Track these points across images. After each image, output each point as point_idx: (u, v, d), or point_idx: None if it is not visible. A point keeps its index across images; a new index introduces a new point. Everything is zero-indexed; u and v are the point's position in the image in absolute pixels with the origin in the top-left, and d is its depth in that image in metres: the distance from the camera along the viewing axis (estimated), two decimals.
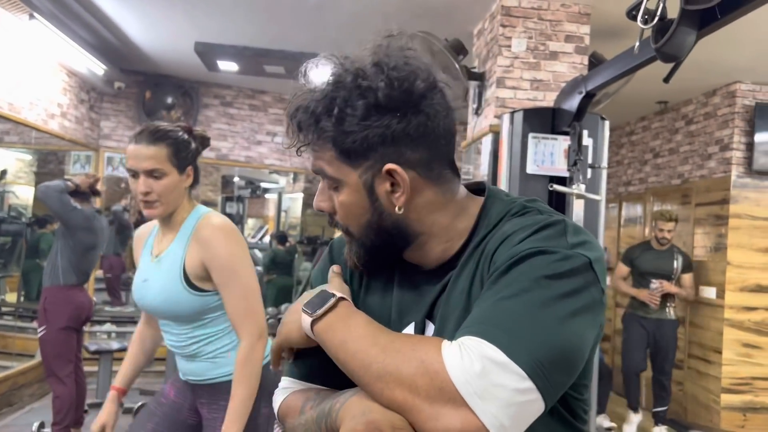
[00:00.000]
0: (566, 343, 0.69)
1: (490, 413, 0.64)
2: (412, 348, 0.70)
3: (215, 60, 4.84)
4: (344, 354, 0.74)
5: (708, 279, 4.76)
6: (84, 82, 5.23)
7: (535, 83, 3.44)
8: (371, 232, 0.83)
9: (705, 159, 4.95)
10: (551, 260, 0.72)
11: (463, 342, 0.68)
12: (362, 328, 0.75)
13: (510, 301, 0.70)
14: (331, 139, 0.78)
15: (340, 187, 0.81)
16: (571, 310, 0.70)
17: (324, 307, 0.78)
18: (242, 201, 9.13)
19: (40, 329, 3.46)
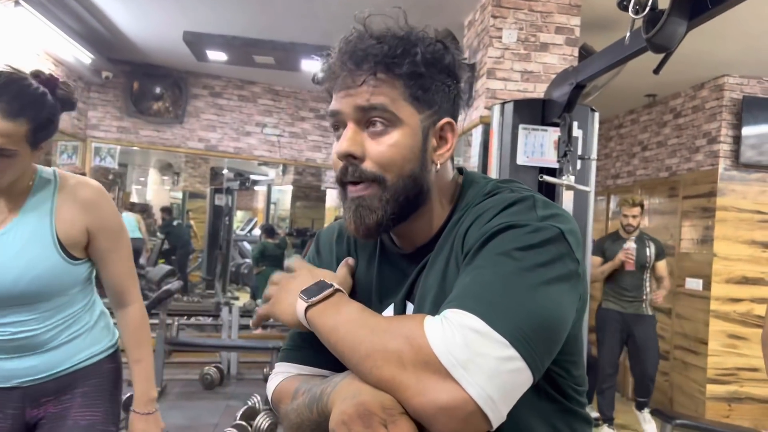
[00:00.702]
0: (545, 310, 0.69)
1: (476, 384, 0.63)
2: (398, 325, 0.70)
3: (204, 50, 4.80)
4: (335, 337, 0.75)
5: (694, 271, 4.81)
6: (71, 71, 5.16)
7: (525, 74, 3.44)
8: (409, 182, 0.82)
9: (693, 152, 4.98)
10: (522, 233, 0.73)
11: (444, 315, 0.68)
12: (353, 313, 0.76)
13: (485, 275, 0.70)
14: (407, 77, 0.80)
15: (397, 126, 0.81)
16: (547, 278, 0.71)
17: (320, 295, 0.79)
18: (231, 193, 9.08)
19: None
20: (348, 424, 0.67)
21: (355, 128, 0.82)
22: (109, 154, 5.59)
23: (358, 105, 0.80)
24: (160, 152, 7.34)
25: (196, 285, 8.23)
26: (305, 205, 9.10)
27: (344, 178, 0.83)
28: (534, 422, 0.81)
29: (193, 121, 5.87)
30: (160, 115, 5.76)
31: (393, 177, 0.81)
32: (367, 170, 0.81)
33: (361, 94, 0.80)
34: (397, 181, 0.81)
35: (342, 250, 0.98)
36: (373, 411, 0.66)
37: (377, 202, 0.82)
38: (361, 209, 0.83)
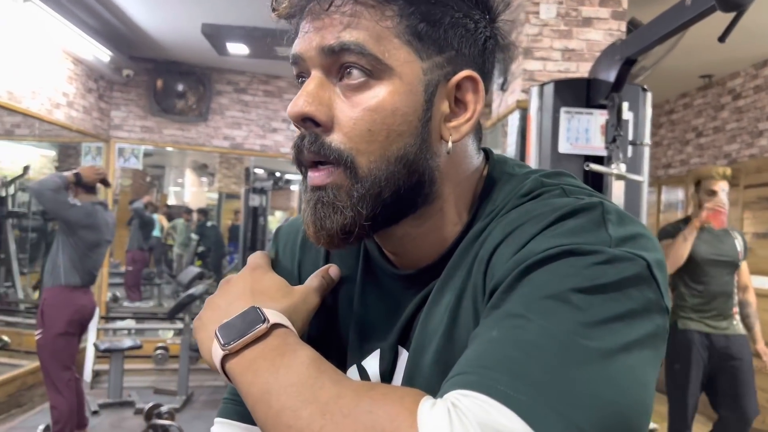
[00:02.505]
0: (622, 397, 0.41)
1: None
2: (370, 408, 0.42)
3: (224, 42, 4.60)
4: (264, 410, 0.46)
5: (760, 267, 4.37)
6: (91, 70, 5.03)
7: (566, 53, 3.10)
8: (398, 170, 0.53)
9: (755, 137, 4.53)
10: (587, 264, 0.46)
11: (454, 401, 0.40)
12: (297, 373, 0.47)
13: (525, 333, 0.43)
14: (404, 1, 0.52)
15: (383, 79, 0.52)
16: (626, 341, 0.43)
17: (246, 337, 0.50)
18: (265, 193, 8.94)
19: (37, 332, 3.25)
20: None
21: (320, 79, 0.54)
22: (133, 154, 5.45)
23: (321, 45, 0.53)
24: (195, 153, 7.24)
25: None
26: None
27: (300, 156, 0.55)
28: None
29: (218, 118, 5.69)
30: (184, 114, 5.60)
31: (369, 159, 0.53)
32: (331, 145, 0.53)
33: (331, 27, 0.52)
34: (378, 167, 0.53)
35: (309, 257, 0.68)
36: None
37: (344, 196, 0.53)
38: (321, 206, 0.54)
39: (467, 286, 0.53)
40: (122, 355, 4.46)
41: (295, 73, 0.58)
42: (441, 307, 0.55)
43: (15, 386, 4.20)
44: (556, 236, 0.48)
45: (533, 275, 0.46)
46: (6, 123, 5.18)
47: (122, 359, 4.47)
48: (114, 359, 4.42)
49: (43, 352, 3.22)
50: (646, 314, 0.45)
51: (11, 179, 6.22)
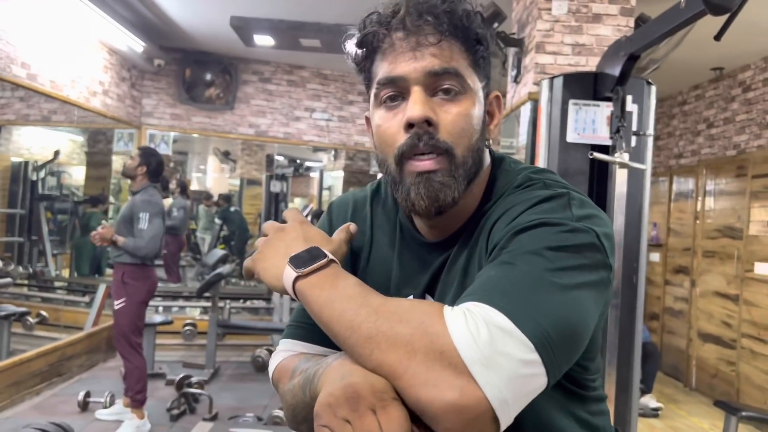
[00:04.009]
0: (572, 317, 0.64)
1: (493, 384, 0.57)
2: (410, 309, 0.63)
3: (251, 34, 4.82)
4: (329, 313, 0.67)
5: (765, 255, 4.51)
6: (125, 60, 5.29)
7: (576, 48, 3.27)
8: (475, 156, 0.78)
9: (764, 128, 4.66)
10: (555, 231, 0.68)
11: (466, 306, 0.62)
12: (351, 289, 0.68)
13: (513, 271, 0.65)
14: (473, 42, 0.77)
15: (467, 94, 0.76)
16: (577, 282, 0.66)
17: (312, 266, 0.71)
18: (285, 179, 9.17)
19: (118, 302, 3.58)
20: (333, 407, 0.60)
21: (424, 94, 0.75)
22: (163, 140, 5.71)
23: (429, 69, 0.74)
24: (218, 140, 7.48)
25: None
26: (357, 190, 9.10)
27: (415, 150, 0.75)
28: (553, 414, 0.78)
29: (244, 107, 5.92)
30: (211, 102, 5.84)
31: (462, 149, 0.76)
32: (441, 140, 0.74)
33: (431, 57, 0.74)
34: (466, 154, 0.76)
35: (358, 225, 0.88)
36: (361, 394, 0.60)
37: (449, 176, 0.75)
38: (436, 184, 0.75)
39: (475, 251, 0.76)
40: (154, 329, 4.75)
41: (387, 95, 0.77)
42: (458, 266, 0.78)
43: (56, 357, 4.50)
44: (536, 213, 0.70)
45: (518, 237, 0.69)
46: (44, 110, 5.46)
47: (154, 334, 4.75)
48: (147, 334, 4.70)
49: (125, 319, 3.59)
50: (594, 268, 0.68)
51: (42, 164, 6.52)
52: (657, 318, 5.99)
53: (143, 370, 3.66)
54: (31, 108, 5.33)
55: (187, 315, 6.01)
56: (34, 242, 6.16)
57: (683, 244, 5.69)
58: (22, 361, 4.11)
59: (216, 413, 3.91)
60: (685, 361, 5.52)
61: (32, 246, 6.05)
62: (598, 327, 0.74)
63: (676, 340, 5.73)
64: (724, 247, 4.99)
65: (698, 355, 5.34)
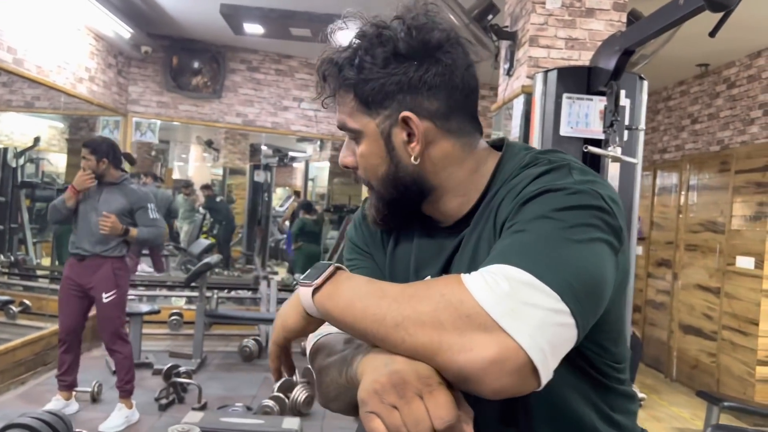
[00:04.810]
0: (591, 266, 0.65)
1: (526, 334, 0.58)
2: (428, 287, 0.65)
3: (241, 22, 4.78)
4: (353, 314, 0.68)
5: (746, 249, 4.61)
6: (111, 46, 5.21)
7: (570, 42, 3.30)
8: (389, 183, 0.83)
9: (747, 124, 4.75)
10: (559, 195, 0.70)
11: (485, 269, 0.64)
12: (366, 286, 0.70)
13: (525, 236, 0.67)
14: (352, 86, 0.80)
15: (360, 138, 0.82)
16: (589, 237, 0.67)
17: (323, 276, 0.73)
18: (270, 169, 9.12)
19: (108, 295, 3.54)
20: (381, 394, 0.61)
21: (348, 140, 0.86)
22: (149, 128, 5.65)
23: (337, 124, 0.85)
24: (201, 128, 7.41)
25: (236, 260, 8.33)
26: (342, 182, 9.09)
27: None
28: (573, 400, 0.78)
29: (231, 95, 5.88)
30: (198, 90, 5.78)
31: (374, 182, 0.85)
32: (361, 177, 0.86)
33: (337, 113, 0.84)
34: (380, 184, 0.84)
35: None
36: (407, 380, 0.61)
37: (374, 200, 0.88)
38: (368, 206, 0.90)
39: (484, 229, 0.79)
40: (141, 319, 4.71)
41: None
42: (469, 245, 0.81)
43: (40, 346, 4.45)
44: (538, 183, 0.73)
45: (525, 207, 0.71)
46: (26, 95, 5.36)
47: (141, 323, 4.72)
48: (133, 323, 4.67)
49: (116, 310, 3.60)
50: (603, 227, 0.69)
51: (22, 150, 6.41)
52: (639, 310, 6.09)
53: (132, 359, 3.68)
54: (14, 94, 5.23)
55: (173, 305, 5.97)
56: (14, 230, 6.07)
57: (666, 238, 5.79)
58: (6, 350, 4.06)
59: (205, 403, 3.90)
60: (666, 352, 5.62)
61: (12, 234, 5.96)
62: (618, 301, 0.76)
63: (658, 332, 5.84)
64: (706, 240, 5.09)
65: (679, 346, 5.45)
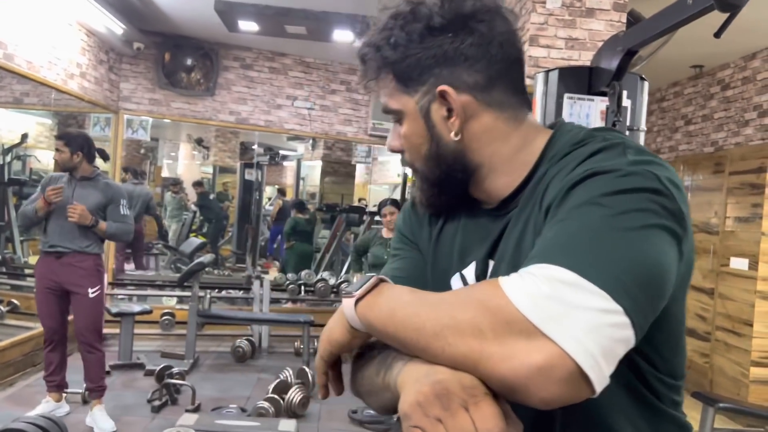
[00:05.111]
0: (646, 257, 0.59)
1: (571, 337, 0.54)
2: (467, 295, 0.63)
3: (236, 19, 4.72)
4: (393, 324, 0.66)
5: (740, 250, 4.63)
6: (103, 42, 5.14)
7: (570, 42, 3.29)
8: (431, 163, 0.81)
9: (741, 126, 4.76)
10: (610, 178, 0.64)
11: (525, 270, 0.60)
12: (407, 296, 0.68)
13: (569, 226, 0.62)
14: (390, 65, 0.78)
15: (402, 119, 0.81)
16: (644, 223, 0.61)
17: (366, 286, 0.71)
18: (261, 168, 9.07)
19: (93, 290, 3.51)
20: (424, 406, 0.58)
21: (393, 124, 0.84)
22: (141, 126, 5.57)
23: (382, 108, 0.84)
24: (191, 126, 7.32)
25: (226, 259, 8.28)
26: (334, 181, 9.05)
27: None
28: (615, 420, 0.71)
29: (224, 93, 5.81)
30: (191, 88, 5.72)
31: (419, 164, 0.82)
32: (407, 160, 0.84)
33: (380, 96, 0.83)
34: (423, 166, 0.82)
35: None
36: (452, 390, 0.58)
37: (419, 183, 0.85)
38: (415, 190, 0.89)
39: (532, 213, 0.74)
40: (133, 319, 4.65)
41: None
42: (515, 230, 0.76)
43: (29, 346, 4.37)
44: (588, 164, 0.67)
45: (572, 192, 0.66)
46: (15, 91, 5.27)
47: (133, 323, 4.65)
48: (125, 323, 4.61)
49: (99, 306, 3.59)
50: (660, 211, 0.62)
51: (9, 147, 6.30)
52: None
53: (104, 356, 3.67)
54: (2, 90, 5.14)
55: (164, 305, 5.90)
56: (1, 228, 5.97)
57: None
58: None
59: (199, 404, 3.85)
60: None
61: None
62: (680, 302, 0.70)
63: None
64: (700, 241, 5.10)
65: None
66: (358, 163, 8.05)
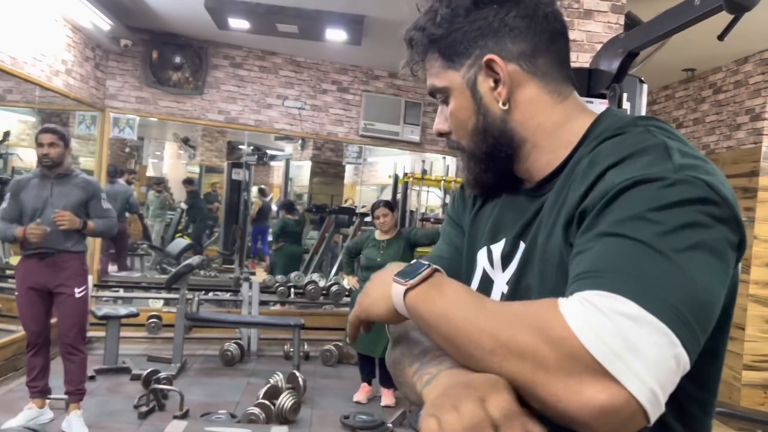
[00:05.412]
0: (696, 283, 0.58)
1: (637, 379, 0.53)
2: (525, 313, 0.60)
3: (226, 17, 4.64)
4: (446, 326, 0.64)
5: None
6: (89, 39, 5.02)
7: None
8: (478, 137, 0.80)
9: (733, 129, 4.77)
10: (656, 188, 0.61)
11: (582, 296, 0.57)
12: (462, 295, 0.66)
13: (620, 244, 0.59)
14: (435, 43, 0.79)
15: (449, 96, 0.81)
16: (694, 242, 0.59)
17: (419, 276, 0.68)
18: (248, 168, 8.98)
19: (80, 290, 3.44)
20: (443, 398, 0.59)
21: (441, 106, 0.85)
22: (128, 125, 5.46)
23: (428, 90, 0.84)
24: (177, 125, 7.20)
25: (213, 259, 8.17)
26: (323, 181, 8.98)
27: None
28: None
29: (213, 92, 5.72)
30: (179, 86, 5.61)
31: (465, 141, 0.82)
32: (453, 140, 0.84)
33: (427, 78, 0.83)
34: (470, 142, 0.82)
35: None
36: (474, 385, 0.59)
37: (466, 161, 0.84)
38: (462, 171, 0.88)
39: (565, 199, 0.71)
40: (119, 322, 4.55)
41: None
42: (551, 215, 0.73)
43: (11, 350, 4.26)
44: (629, 171, 0.63)
45: (616, 203, 0.62)
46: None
47: (118, 326, 4.55)
48: (110, 326, 4.50)
49: (85, 307, 3.53)
50: (712, 225, 0.60)
51: None
52: None
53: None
54: None
55: (150, 307, 5.79)
56: None
57: None
58: None
59: (187, 410, 3.76)
60: None
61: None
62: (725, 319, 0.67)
63: None
64: None
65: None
66: (349, 164, 7.97)
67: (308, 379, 4.35)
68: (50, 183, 3.36)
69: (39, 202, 3.31)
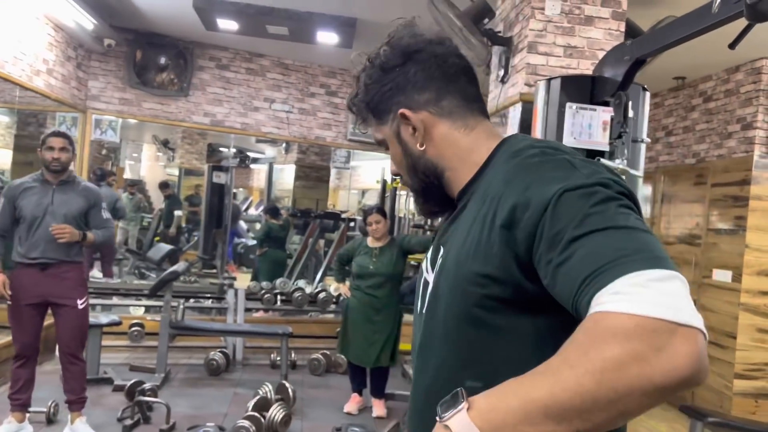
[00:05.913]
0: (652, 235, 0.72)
1: (693, 316, 0.62)
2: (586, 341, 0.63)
3: (215, 18, 4.53)
4: (535, 408, 0.63)
5: (722, 262, 4.63)
6: (71, 38, 4.86)
7: (568, 50, 3.21)
8: (412, 174, 0.98)
9: (724, 138, 4.78)
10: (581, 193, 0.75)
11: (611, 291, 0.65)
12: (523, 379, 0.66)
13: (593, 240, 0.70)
14: (367, 106, 0.97)
15: (388, 145, 0.99)
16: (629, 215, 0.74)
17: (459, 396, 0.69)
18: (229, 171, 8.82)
19: (82, 301, 3.34)
20: None
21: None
22: (110, 127, 5.30)
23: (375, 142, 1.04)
24: (157, 127, 7.03)
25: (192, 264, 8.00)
26: (305, 185, 8.85)
27: None
28: None
29: (199, 94, 5.59)
30: (164, 87, 5.47)
31: (407, 178, 1.00)
32: (403, 179, 1.02)
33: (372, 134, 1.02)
34: (408, 179, 1.00)
35: None
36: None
37: (414, 197, 1.05)
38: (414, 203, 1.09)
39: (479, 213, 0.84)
40: (100, 331, 4.39)
41: None
42: (463, 221, 0.88)
43: None
44: (553, 184, 0.76)
45: (557, 212, 0.73)
46: None
47: (100, 335, 4.39)
48: (92, 335, 4.34)
49: (86, 317, 3.43)
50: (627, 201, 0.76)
51: None
52: None
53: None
54: None
55: (131, 314, 5.62)
56: None
57: None
58: None
59: (173, 423, 3.63)
60: None
61: None
62: None
63: None
64: (681, 253, 5.10)
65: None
66: (337, 169, 7.86)
67: (296, 389, 4.24)
68: (51, 190, 3.23)
69: (39, 210, 3.19)
